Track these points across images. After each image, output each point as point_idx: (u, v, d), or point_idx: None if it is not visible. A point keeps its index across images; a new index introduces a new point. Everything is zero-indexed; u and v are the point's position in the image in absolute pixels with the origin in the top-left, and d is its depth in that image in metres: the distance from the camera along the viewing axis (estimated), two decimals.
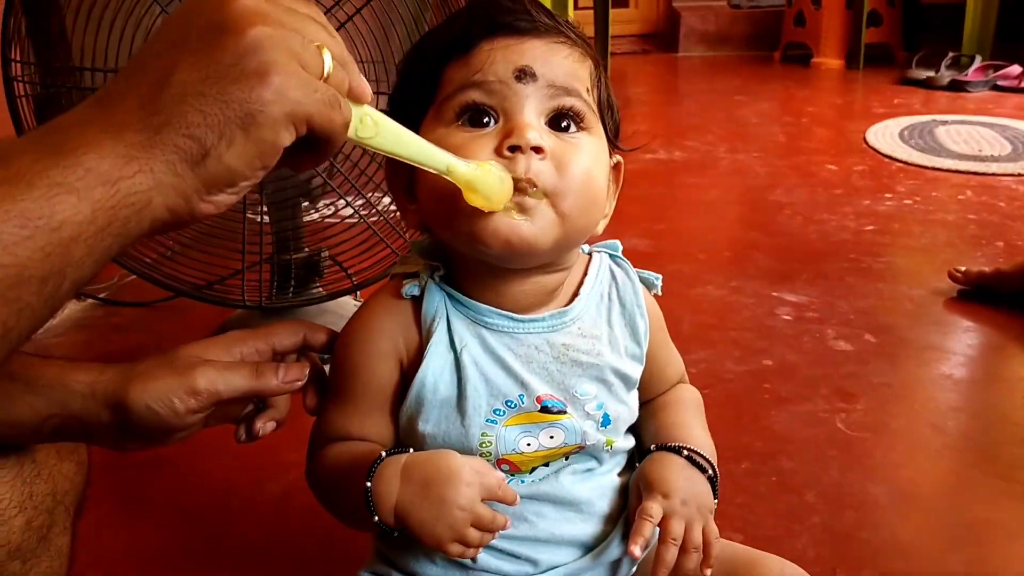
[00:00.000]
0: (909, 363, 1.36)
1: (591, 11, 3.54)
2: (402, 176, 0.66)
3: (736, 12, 4.18)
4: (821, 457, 1.12)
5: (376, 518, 0.60)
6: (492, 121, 0.61)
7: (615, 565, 0.69)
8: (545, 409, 0.65)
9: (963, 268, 1.56)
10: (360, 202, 1.27)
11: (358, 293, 1.43)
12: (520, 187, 0.59)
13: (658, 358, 0.74)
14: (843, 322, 1.47)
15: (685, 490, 0.66)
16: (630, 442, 0.72)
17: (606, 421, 0.68)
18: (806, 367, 1.34)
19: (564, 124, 0.62)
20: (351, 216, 1.31)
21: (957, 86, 3.20)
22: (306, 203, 1.36)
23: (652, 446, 0.71)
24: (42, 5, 1.17)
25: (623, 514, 0.70)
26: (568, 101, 0.63)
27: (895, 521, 1.01)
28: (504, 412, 0.65)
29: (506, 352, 0.65)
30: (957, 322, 1.47)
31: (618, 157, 0.69)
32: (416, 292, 0.67)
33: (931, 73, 3.29)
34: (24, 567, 0.67)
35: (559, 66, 0.63)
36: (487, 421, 0.65)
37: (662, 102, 3.50)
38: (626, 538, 0.66)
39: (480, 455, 0.65)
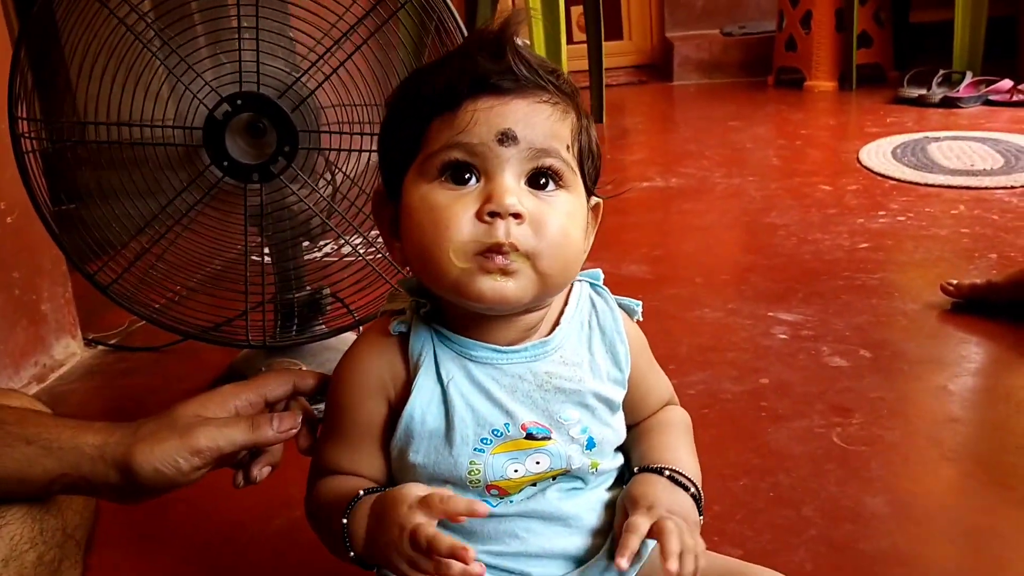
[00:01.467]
0: (904, 376, 1.38)
1: (585, 45, 3.61)
2: (387, 213, 0.69)
3: (728, 40, 4.24)
4: (818, 471, 1.14)
5: (352, 553, 0.64)
6: (473, 179, 0.64)
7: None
8: (531, 436, 0.69)
9: (955, 281, 1.58)
10: (358, 240, 1.30)
11: (360, 328, 1.46)
12: (502, 251, 0.62)
13: (643, 382, 0.77)
14: (838, 339, 1.49)
15: (669, 503, 0.68)
16: (618, 461, 0.75)
17: (591, 444, 0.71)
18: (802, 384, 1.36)
19: (542, 182, 0.65)
20: (350, 255, 1.34)
21: (949, 103, 3.23)
22: (306, 243, 1.39)
23: (636, 468, 0.73)
24: (48, 60, 1.22)
25: (610, 520, 0.72)
26: (547, 161, 0.65)
27: (893, 531, 1.03)
28: (491, 441, 0.68)
29: (491, 383, 0.68)
30: (951, 334, 1.49)
31: (596, 199, 0.72)
32: (403, 329, 0.70)
33: (923, 91, 3.33)
34: None
35: (540, 127, 0.64)
36: (475, 450, 0.68)
37: (658, 130, 3.54)
38: (612, 553, 0.69)
39: (469, 483, 0.69)
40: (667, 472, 0.71)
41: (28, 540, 0.70)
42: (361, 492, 0.67)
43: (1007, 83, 3.25)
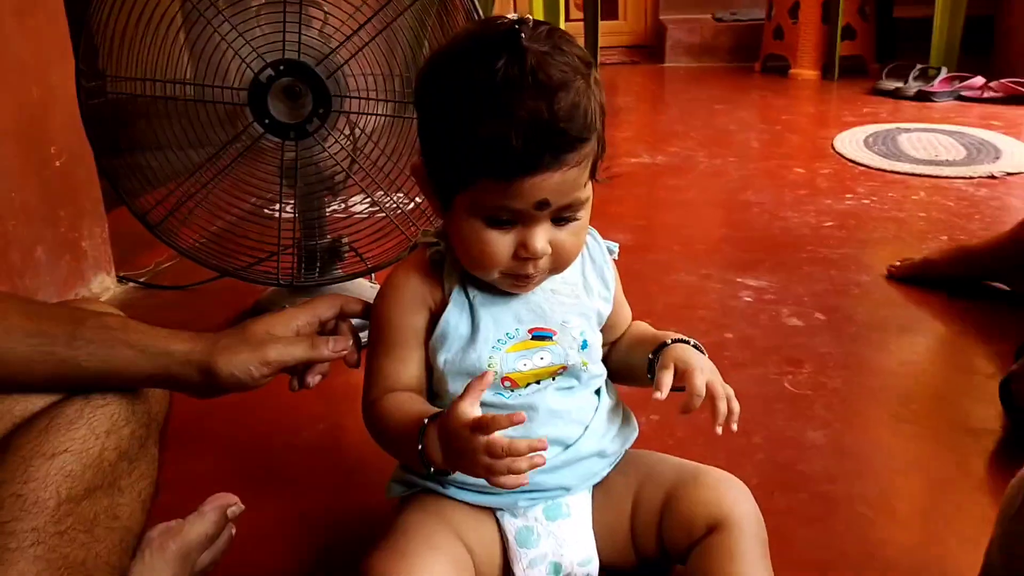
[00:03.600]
0: (851, 336, 1.56)
1: (582, 23, 3.77)
2: (428, 187, 0.86)
3: (719, 25, 4.40)
4: (769, 410, 1.33)
5: (433, 469, 0.81)
6: (511, 225, 0.80)
7: (586, 460, 0.92)
8: (536, 337, 0.88)
9: (898, 263, 1.77)
10: (379, 194, 1.47)
11: (372, 276, 1.63)
12: (530, 277, 0.84)
13: (619, 307, 0.98)
14: (796, 303, 1.68)
15: (698, 360, 0.89)
16: (601, 369, 0.94)
17: (584, 345, 0.90)
18: (761, 339, 1.55)
19: (565, 217, 0.82)
20: (368, 208, 1.51)
21: (924, 96, 3.41)
22: (328, 196, 1.56)
23: (650, 354, 0.93)
24: (109, 20, 1.37)
25: (593, 418, 0.92)
26: (568, 211, 0.81)
27: (828, 458, 1.22)
28: (505, 341, 0.87)
29: (507, 297, 0.88)
30: (896, 302, 1.68)
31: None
32: (440, 256, 0.88)
33: (900, 84, 3.50)
34: (130, 467, 0.86)
35: (569, 190, 0.79)
36: (493, 348, 0.87)
37: (648, 110, 3.71)
38: (593, 436, 0.90)
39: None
40: (692, 341, 0.92)
41: (124, 418, 0.87)
42: (425, 421, 0.80)
43: (979, 80, 3.43)
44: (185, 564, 0.95)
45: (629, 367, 0.98)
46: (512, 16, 0.79)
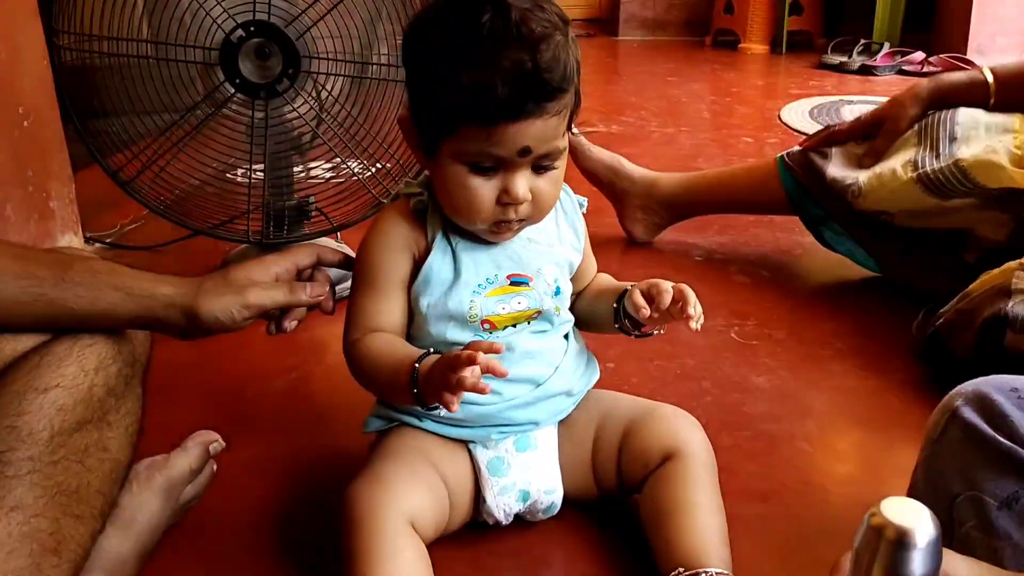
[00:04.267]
0: (794, 292, 1.66)
1: None
2: (414, 138, 0.91)
3: (672, 0, 4.48)
4: (716, 358, 1.42)
5: (415, 390, 0.85)
6: (493, 171, 0.85)
7: (555, 398, 0.99)
8: (514, 283, 0.95)
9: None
10: (345, 155, 1.52)
11: (338, 234, 1.68)
12: (511, 223, 0.89)
13: (587, 257, 1.05)
14: (745, 262, 1.77)
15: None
16: (570, 316, 1.02)
17: (558, 291, 0.98)
18: (710, 295, 1.62)
19: (544, 166, 0.87)
20: (333, 170, 1.56)
21: (867, 70, 3.54)
22: (296, 156, 1.61)
23: (614, 303, 1.00)
24: None
25: (562, 359, 1.00)
26: (548, 159, 0.86)
27: (771, 400, 1.31)
28: (485, 287, 0.94)
29: (488, 244, 0.94)
30: (835, 261, 1.77)
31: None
32: (423, 205, 0.94)
33: (844, 59, 3.62)
34: (117, 403, 0.91)
35: (550, 138, 0.84)
36: (473, 292, 0.93)
37: (603, 82, 3.78)
38: (562, 376, 0.98)
39: (469, 318, 0.93)
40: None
41: (111, 357, 0.91)
42: (416, 365, 0.86)
43: (919, 55, 3.56)
44: (170, 496, 1.00)
45: (594, 315, 1.05)
46: None
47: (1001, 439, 0.82)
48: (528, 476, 0.99)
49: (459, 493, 0.98)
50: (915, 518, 0.57)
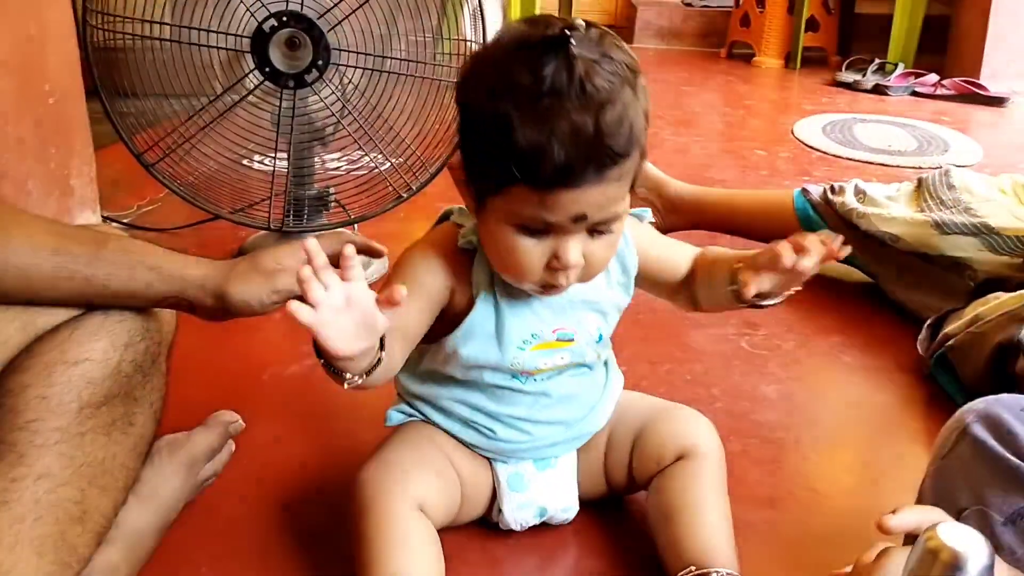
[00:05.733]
0: (804, 302, 1.66)
1: (556, 1, 3.83)
2: (464, 188, 0.85)
3: (688, 10, 4.50)
4: (726, 365, 1.44)
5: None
6: (544, 233, 0.79)
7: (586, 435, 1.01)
8: (559, 339, 0.93)
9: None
10: (368, 146, 1.54)
11: (355, 226, 1.70)
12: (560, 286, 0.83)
13: (667, 250, 0.99)
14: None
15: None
16: (610, 351, 1.02)
17: (600, 338, 0.96)
18: None
19: (600, 230, 0.81)
20: (354, 162, 1.58)
21: (880, 90, 3.54)
22: (318, 147, 1.62)
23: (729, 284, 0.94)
24: None
25: (600, 399, 1.01)
26: (604, 225, 0.80)
27: (779, 409, 1.32)
28: (530, 342, 0.92)
29: (532, 299, 0.90)
30: (846, 273, 1.79)
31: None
32: (471, 246, 0.89)
33: (858, 77, 3.63)
34: (143, 380, 0.93)
35: (607, 204, 0.78)
36: (518, 348, 0.92)
37: None
38: (596, 417, 1.00)
39: (510, 368, 0.92)
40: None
41: (140, 333, 0.93)
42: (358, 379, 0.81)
43: (933, 77, 3.57)
44: (191, 472, 1.02)
45: (710, 299, 0.99)
46: (562, 18, 0.78)
47: (1009, 456, 0.84)
48: (547, 494, 1.01)
49: (474, 495, 0.99)
50: (970, 543, 0.60)
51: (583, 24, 0.77)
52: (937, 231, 1.51)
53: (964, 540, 0.60)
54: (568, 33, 0.74)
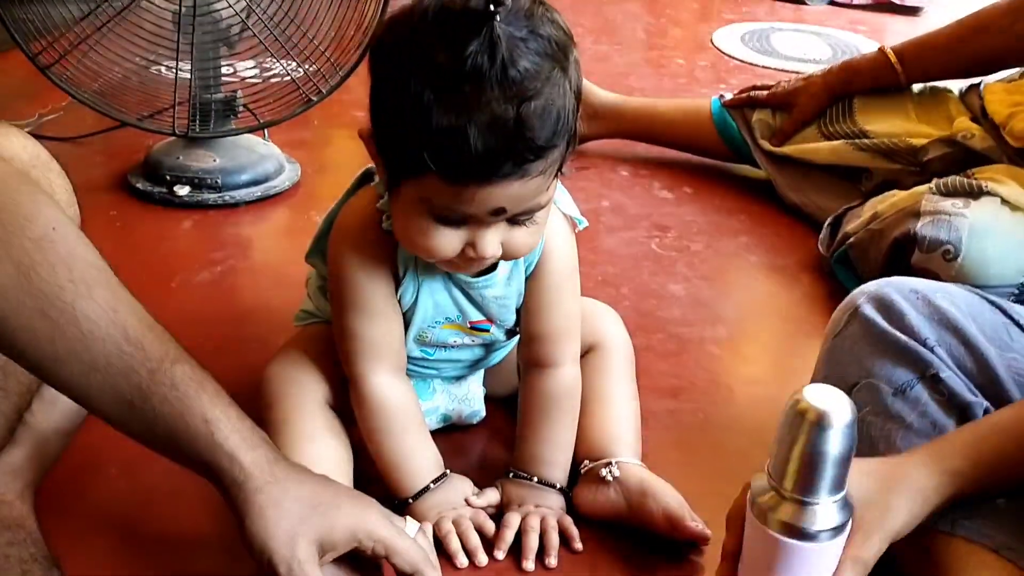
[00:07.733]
0: (713, 206, 1.71)
1: None
2: (375, 158, 0.80)
3: None
4: (636, 267, 1.47)
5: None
6: (461, 223, 0.75)
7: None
8: (474, 328, 0.94)
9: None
10: (276, 50, 1.50)
11: (266, 132, 1.67)
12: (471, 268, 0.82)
13: (547, 294, 0.94)
14: (668, 177, 1.81)
15: (536, 500, 0.92)
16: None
17: (516, 321, 0.96)
18: (634, 208, 1.68)
19: (522, 220, 0.77)
20: (262, 68, 1.54)
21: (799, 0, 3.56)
22: (224, 49, 1.58)
23: (510, 472, 0.94)
24: None
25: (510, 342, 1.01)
26: (526, 215, 0.76)
27: (685, 305, 1.37)
28: (443, 322, 0.92)
29: (454, 289, 0.90)
30: (756, 176, 1.82)
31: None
32: (391, 228, 0.82)
33: None
34: None
35: (530, 196, 0.73)
36: (430, 327, 0.91)
37: None
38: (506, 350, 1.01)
39: (418, 338, 0.92)
40: (535, 479, 0.92)
41: None
42: (430, 485, 0.89)
43: None
44: None
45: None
46: None
47: (898, 333, 0.88)
48: (452, 402, 1.02)
49: None
50: (834, 402, 0.63)
51: None
52: (853, 147, 1.55)
53: (828, 400, 0.64)
54: (493, 8, 0.66)
